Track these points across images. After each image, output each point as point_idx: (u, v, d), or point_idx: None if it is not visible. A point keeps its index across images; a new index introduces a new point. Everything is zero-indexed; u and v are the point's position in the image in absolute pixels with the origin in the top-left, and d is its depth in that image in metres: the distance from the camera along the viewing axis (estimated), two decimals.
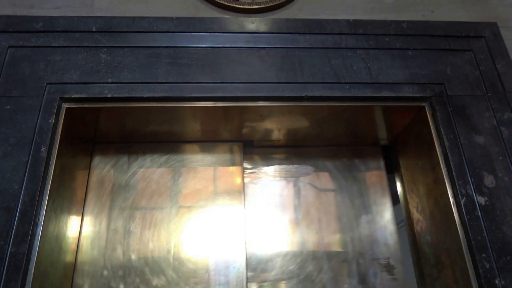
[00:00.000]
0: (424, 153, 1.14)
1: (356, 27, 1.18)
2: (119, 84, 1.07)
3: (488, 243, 0.93)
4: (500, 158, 1.02)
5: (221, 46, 1.14)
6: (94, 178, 1.23)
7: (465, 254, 0.94)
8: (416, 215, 1.19)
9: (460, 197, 0.98)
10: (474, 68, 1.16)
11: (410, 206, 1.22)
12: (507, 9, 1.31)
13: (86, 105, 1.08)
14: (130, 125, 1.21)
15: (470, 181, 0.99)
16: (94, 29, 1.12)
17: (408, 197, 1.23)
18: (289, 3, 1.27)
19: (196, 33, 1.14)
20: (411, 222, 1.22)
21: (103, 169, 1.25)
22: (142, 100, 1.08)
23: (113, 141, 1.30)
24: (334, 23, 1.18)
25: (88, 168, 1.24)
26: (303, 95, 1.09)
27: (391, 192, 1.32)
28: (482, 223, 0.95)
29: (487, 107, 1.10)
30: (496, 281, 0.89)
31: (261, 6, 1.23)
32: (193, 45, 1.14)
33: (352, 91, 1.10)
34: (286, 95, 1.09)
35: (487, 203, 0.97)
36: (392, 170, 1.37)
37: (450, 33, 1.20)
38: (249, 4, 1.23)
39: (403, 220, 1.28)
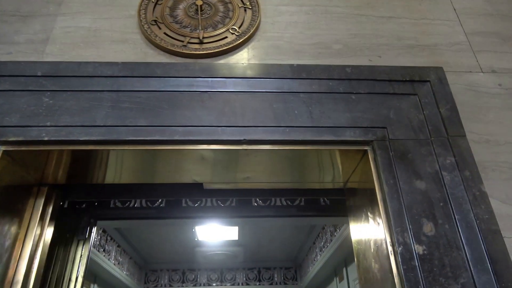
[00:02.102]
0: (368, 199, 1.13)
1: (299, 72, 1.23)
2: (57, 127, 1.10)
3: None
4: (441, 204, 1.02)
5: (163, 90, 1.19)
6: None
7: None
8: (362, 265, 1.16)
9: (397, 245, 0.96)
10: (419, 112, 1.19)
11: (358, 257, 1.20)
12: (455, 54, 1.36)
13: (23, 148, 1.10)
14: (75, 168, 1.24)
15: (408, 228, 0.98)
16: (39, 74, 1.17)
17: (356, 247, 1.21)
18: (236, 49, 1.33)
19: (140, 78, 1.20)
20: (360, 274, 1.19)
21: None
22: (79, 143, 1.10)
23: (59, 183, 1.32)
24: (277, 68, 1.24)
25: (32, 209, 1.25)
26: (242, 138, 1.11)
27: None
28: (419, 274, 0.92)
29: (430, 152, 1.11)
30: None
31: (208, 52, 1.30)
32: (136, 89, 1.19)
33: (292, 134, 1.13)
34: (225, 138, 1.12)
35: (425, 252, 0.95)
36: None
37: (395, 77, 1.24)
38: (196, 49, 1.30)
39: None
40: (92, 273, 3.14)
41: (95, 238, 2.79)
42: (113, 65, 1.23)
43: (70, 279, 1.62)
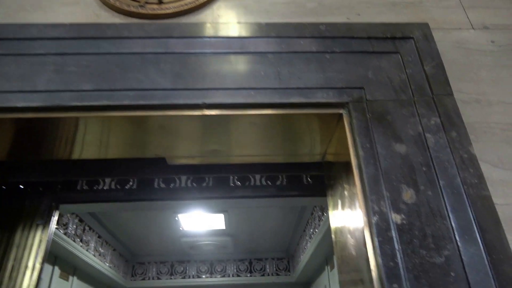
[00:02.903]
0: (344, 172, 1.03)
1: (268, 31, 1.12)
2: None
3: (401, 271, 0.80)
4: (424, 169, 0.92)
5: (114, 52, 1.07)
6: None
7: (375, 284, 0.81)
8: (339, 243, 1.06)
9: (372, 215, 0.86)
10: (401, 71, 1.09)
11: (335, 235, 1.10)
12: (443, 10, 1.26)
13: None
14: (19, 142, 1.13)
15: (385, 196, 0.88)
16: None
17: (333, 226, 1.11)
18: (200, 9, 1.22)
19: (89, 39, 1.09)
20: (337, 254, 1.09)
21: None
22: (16, 111, 0.99)
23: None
24: (243, 27, 1.13)
25: None
26: (201, 102, 1.01)
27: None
28: (396, 246, 0.82)
29: (412, 113, 1.01)
30: None
31: (168, 12, 1.18)
32: (84, 52, 1.07)
33: (257, 97, 1.02)
34: (182, 102, 1.01)
35: (404, 221, 0.85)
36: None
37: (375, 34, 1.14)
38: (154, 9, 1.18)
39: None
40: (70, 265, 3.04)
41: (71, 228, 2.68)
42: (60, 27, 1.12)
43: (27, 266, 1.51)
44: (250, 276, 4.49)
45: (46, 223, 1.63)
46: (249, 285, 4.48)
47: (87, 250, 3.01)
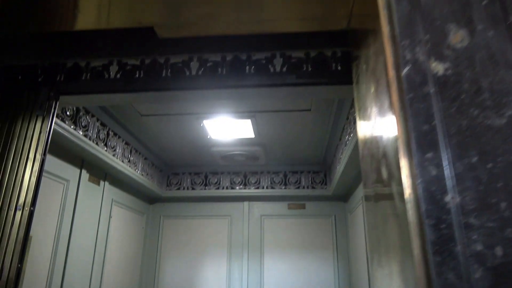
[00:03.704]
0: (371, 35, 0.78)
1: None
2: None
3: (440, 136, 0.58)
4: (484, 2, 0.64)
5: None
6: None
7: (402, 154, 0.61)
8: (363, 122, 0.85)
9: (402, 65, 0.63)
10: None
11: (359, 115, 0.88)
12: None
13: None
14: None
15: (423, 40, 0.64)
16: None
17: (355, 83, 0.89)
18: None
19: None
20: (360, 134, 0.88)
21: None
22: None
23: None
24: None
25: None
26: None
27: None
28: (434, 104, 0.60)
29: None
30: (447, 197, 0.56)
31: None
32: None
33: None
34: None
35: (448, 72, 0.61)
36: None
37: None
38: None
39: None
40: (99, 169, 3.12)
41: (92, 130, 2.66)
42: None
43: (28, 157, 1.47)
44: (285, 188, 4.49)
45: (45, 114, 1.55)
46: (284, 196, 4.50)
47: (113, 156, 3.05)
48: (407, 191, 0.61)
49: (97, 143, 2.76)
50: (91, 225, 3.03)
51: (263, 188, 4.51)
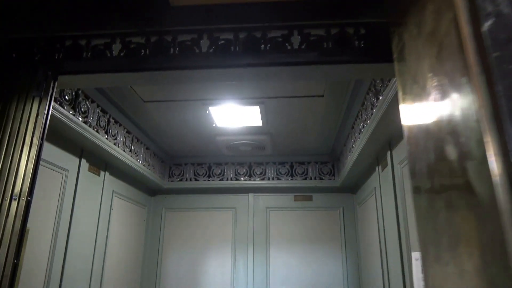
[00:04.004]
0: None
1: None
2: None
3: None
4: None
5: None
6: None
7: (486, 127, 0.49)
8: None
9: (482, 20, 0.51)
10: None
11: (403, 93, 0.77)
12: None
13: None
14: None
15: None
16: None
17: (397, 56, 0.77)
18: None
19: None
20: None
21: None
22: None
23: None
24: None
25: None
26: None
27: None
28: None
29: None
30: None
31: None
32: None
33: None
34: None
35: None
36: None
37: None
38: None
39: None
40: (100, 159, 3.01)
41: (92, 116, 2.55)
42: None
43: (24, 142, 1.36)
44: (292, 179, 4.39)
45: (43, 95, 1.43)
46: (290, 188, 4.40)
47: (114, 144, 2.93)
48: (496, 172, 0.50)
49: (97, 131, 2.64)
50: (92, 218, 2.93)
51: (268, 179, 4.40)
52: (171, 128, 3.47)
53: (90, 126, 2.53)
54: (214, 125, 3.30)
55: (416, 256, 2.11)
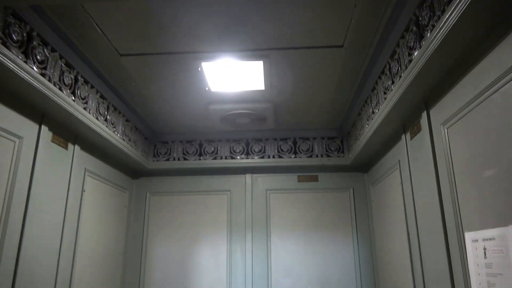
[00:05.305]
0: None
1: None
2: None
3: None
4: None
5: None
6: None
7: None
8: None
9: None
10: None
11: None
12: None
13: None
14: None
15: None
16: None
17: None
18: None
19: None
20: None
21: None
22: None
23: None
24: None
25: None
26: None
27: None
28: None
29: None
30: None
31: None
32: None
33: None
34: None
35: None
36: None
37: None
38: None
39: None
40: (67, 128, 2.51)
41: (52, 69, 2.07)
42: None
43: None
44: (295, 157, 3.96)
45: None
46: (293, 167, 3.98)
47: (85, 109, 2.45)
48: None
49: (60, 88, 2.15)
50: (57, 199, 2.44)
51: (268, 157, 3.96)
52: (155, 93, 2.99)
53: (50, 81, 2.04)
54: (207, 88, 2.83)
55: (473, 236, 1.70)
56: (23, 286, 2.05)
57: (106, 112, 2.84)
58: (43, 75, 1.97)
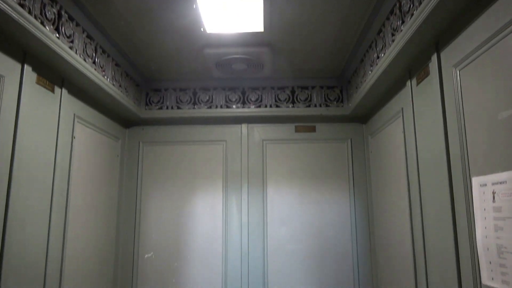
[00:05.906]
0: None
1: None
2: None
3: None
4: None
5: None
6: None
7: None
8: None
9: None
10: None
11: None
12: None
13: None
14: None
15: None
16: None
17: None
18: None
19: None
20: None
21: None
22: None
23: None
24: None
25: None
26: None
27: None
28: None
29: None
30: None
31: None
32: None
33: None
34: None
35: None
36: None
37: None
38: None
39: None
40: (53, 70, 2.38)
41: (31, 0, 1.91)
42: None
43: None
44: (293, 106, 3.86)
45: None
46: (290, 117, 3.89)
47: (70, 49, 2.30)
48: None
49: (42, 23, 1.99)
50: (46, 145, 2.34)
51: (265, 106, 3.86)
52: (145, 34, 2.82)
53: (31, 14, 1.88)
54: (202, 29, 2.67)
55: (481, 180, 1.66)
56: (13, 236, 2.00)
57: (94, 54, 2.68)
58: (22, 5, 1.81)
